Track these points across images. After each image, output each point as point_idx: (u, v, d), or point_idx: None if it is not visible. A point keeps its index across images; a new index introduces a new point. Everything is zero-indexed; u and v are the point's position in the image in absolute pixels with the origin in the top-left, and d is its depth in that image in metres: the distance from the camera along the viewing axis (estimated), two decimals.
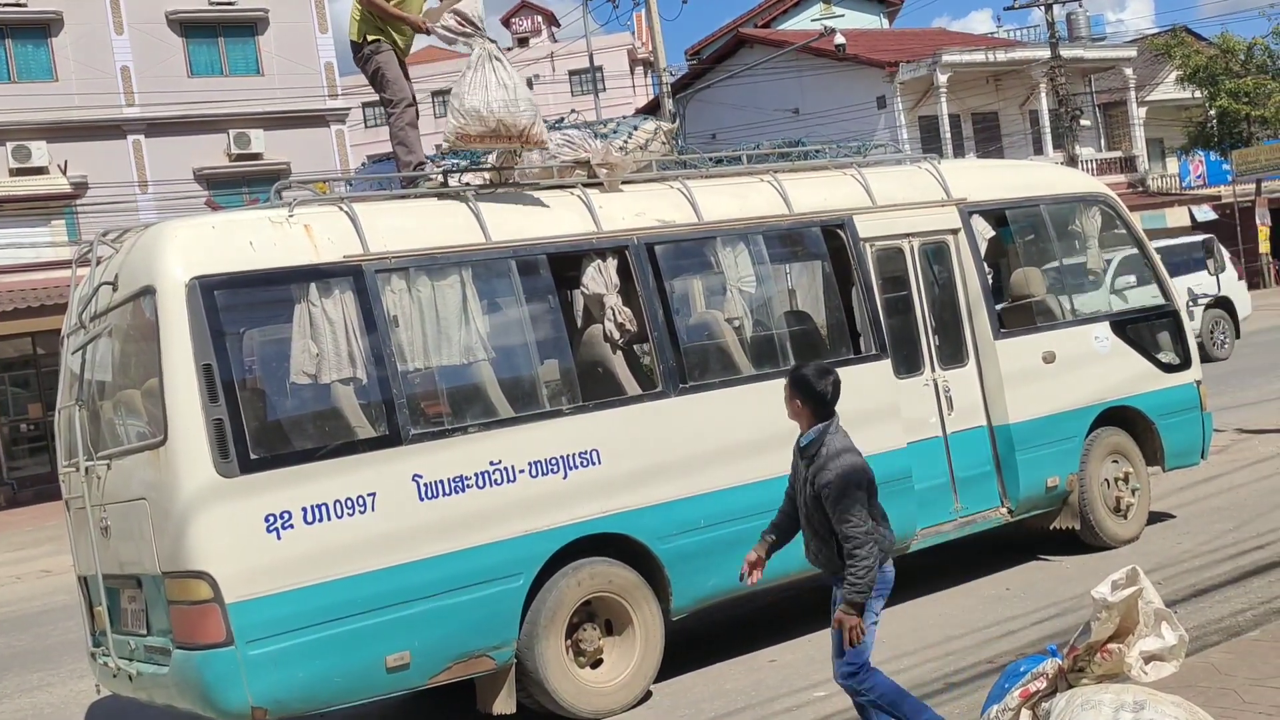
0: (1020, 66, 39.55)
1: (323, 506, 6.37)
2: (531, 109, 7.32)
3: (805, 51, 36.83)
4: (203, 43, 32.73)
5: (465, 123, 7.08)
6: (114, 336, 7.07)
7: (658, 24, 31.19)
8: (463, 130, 7.11)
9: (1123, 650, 4.93)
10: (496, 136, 7.14)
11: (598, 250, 7.61)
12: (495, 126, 7.08)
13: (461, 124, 7.09)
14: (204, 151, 32.22)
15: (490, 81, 7.14)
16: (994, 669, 6.74)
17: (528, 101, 7.31)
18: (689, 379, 7.72)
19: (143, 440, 6.61)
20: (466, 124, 7.07)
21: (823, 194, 8.70)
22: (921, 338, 8.89)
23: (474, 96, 7.08)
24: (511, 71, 7.32)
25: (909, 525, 8.48)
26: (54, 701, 9.29)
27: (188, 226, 6.79)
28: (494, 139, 7.16)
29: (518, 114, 7.18)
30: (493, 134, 7.12)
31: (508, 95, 7.16)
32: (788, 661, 7.82)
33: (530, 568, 6.93)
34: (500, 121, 7.09)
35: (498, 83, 7.16)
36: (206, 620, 6.11)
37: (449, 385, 7.19)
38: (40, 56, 31.04)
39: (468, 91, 7.10)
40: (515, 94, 7.22)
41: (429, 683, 6.72)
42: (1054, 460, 9.18)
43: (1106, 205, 10.23)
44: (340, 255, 6.77)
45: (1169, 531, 9.92)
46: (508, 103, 7.13)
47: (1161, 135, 46.09)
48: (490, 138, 7.14)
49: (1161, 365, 9.98)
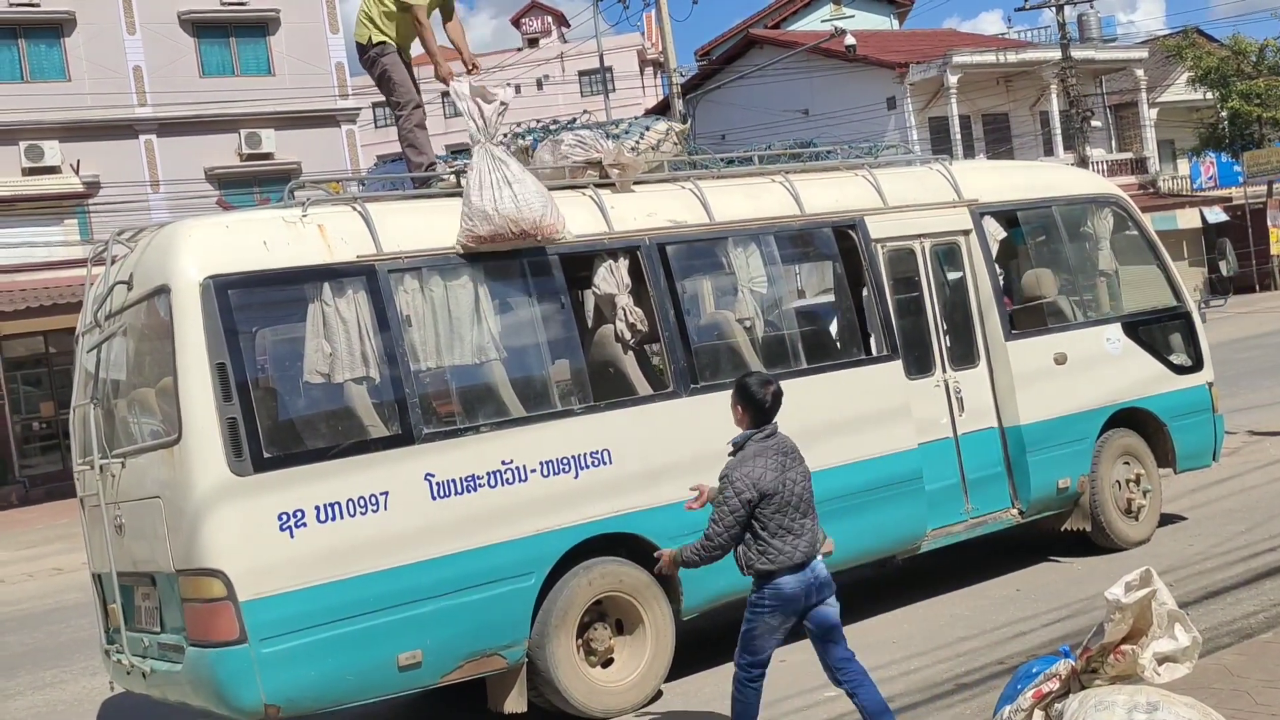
0: (1031, 68, 39.51)
1: (335, 505, 6.39)
2: (542, 199, 7.19)
3: (815, 52, 36.84)
4: (214, 43, 32.81)
5: (473, 223, 7.04)
6: (128, 335, 7.10)
7: (668, 25, 31.21)
8: (471, 230, 7.04)
9: (1136, 651, 4.93)
10: (505, 234, 7.09)
11: (609, 250, 7.63)
12: (501, 224, 7.04)
13: (470, 225, 7.05)
14: (215, 151, 32.30)
15: (494, 180, 7.08)
16: (1006, 670, 6.74)
17: (539, 193, 7.19)
18: (700, 379, 7.73)
19: (157, 439, 6.64)
20: (475, 225, 7.03)
21: (834, 195, 8.70)
22: (933, 339, 8.89)
23: (480, 198, 7.04)
24: (516, 166, 7.22)
25: (919, 526, 8.49)
26: (67, 699, 9.32)
27: (202, 226, 6.81)
28: (504, 237, 7.10)
29: (528, 208, 7.11)
30: (500, 232, 7.07)
31: (514, 192, 7.09)
32: (798, 662, 7.80)
33: (541, 567, 6.94)
34: (506, 218, 7.04)
35: (503, 180, 7.09)
36: (220, 618, 6.13)
37: (461, 385, 7.20)
38: (53, 56, 31.14)
39: (474, 193, 7.06)
40: (523, 188, 7.13)
41: (441, 681, 6.74)
42: (1065, 462, 9.17)
43: (1118, 206, 10.21)
44: (353, 255, 6.79)
45: (1180, 533, 9.90)
46: (514, 199, 7.08)
47: (1173, 137, 46.00)
48: (500, 236, 7.09)
49: (1173, 367, 9.97)
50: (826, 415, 8.09)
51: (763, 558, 5.63)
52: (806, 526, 5.73)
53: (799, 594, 5.70)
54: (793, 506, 5.69)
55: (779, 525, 5.64)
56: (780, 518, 5.64)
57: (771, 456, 5.71)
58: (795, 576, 5.68)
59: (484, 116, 7.27)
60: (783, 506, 5.65)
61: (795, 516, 5.68)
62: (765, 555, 5.63)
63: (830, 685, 7.11)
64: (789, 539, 5.65)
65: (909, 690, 6.91)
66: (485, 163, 7.16)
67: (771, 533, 5.63)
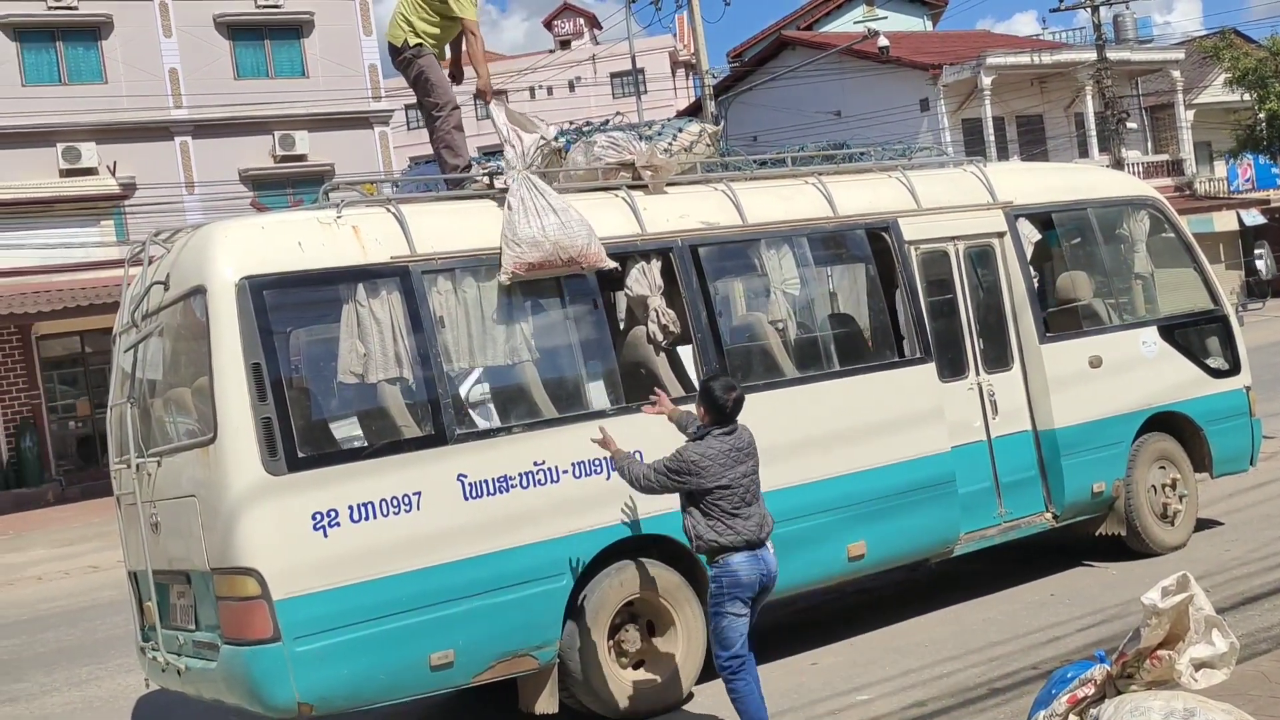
0: (1066, 69, 39.24)
1: (369, 505, 6.42)
2: (584, 227, 7.20)
3: (848, 54, 36.74)
4: (249, 45, 33.05)
5: (522, 250, 7.00)
6: (165, 335, 7.15)
7: (700, 26, 31.20)
8: (520, 259, 7.01)
9: (1173, 657, 4.89)
10: (554, 261, 7.09)
11: (642, 252, 7.63)
12: (552, 250, 7.04)
13: (518, 253, 7.01)
14: (249, 153, 32.53)
15: (537, 207, 7.09)
16: (1039, 675, 6.70)
17: (581, 222, 7.20)
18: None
19: (192, 438, 6.69)
20: (524, 252, 7.00)
21: (867, 196, 8.68)
22: (966, 341, 8.85)
23: (527, 226, 7.03)
24: (556, 195, 7.23)
25: (952, 529, 8.45)
26: (103, 695, 9.40)
27: (238, 227, 6.86)
28: (553, 265, 7.10)
29: (573, 235, 7.12)
30: (550, 259, 7.07)
31: (559, 219, 7.10)
32: (829, 664, 7.80)
33: (573, 568, 6.95)
34: (556, 244, 7.04)
35: (546, 207, 7.10)
36: (254, 616, 6.17)
37: (494, 385, 7.22)
38: (90, 59, 31.45)
39: (520, 222, 7.04)
40: (567, 216, 7.14)
41: (472, 681, 6.76)
42: (1100, 465, 9.11)
43: (1154, 209, 10.14)
44: (387, 256, 6.83)
45: (1217, 538, 9.82)
46: (561, 226, 7.08)
47: (1209, 138, 45.56)
48: (549, 264, 7.09)
49: (1210, 370, 9.89)
50: (859, 418, 8.08)
51: (710, 532, 6.10)
52: (753, 512, 6.16)
53: (753, 580, 6.12)
54: (739, 497, 6.12)
55: (722, 510, 6.09)
56: (725, 504, 6.09)
57: (727, 452, 6.12)
58: (745, 559, 6.09)
59: (522, 145, 7.28)
60: (729, 496, 6.09)
61: (740, 506, 6.11)
62: (714, 531, 6.10)
63: (861, 688, 7.12)
64: (736, 522, 6.10)
65: (941, 694, 6.88)
66: (525, 190, 7.16)
67: (718, 516, 6.09)
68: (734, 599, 6.11)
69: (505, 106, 7.50)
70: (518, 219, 7.08)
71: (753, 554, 6.12)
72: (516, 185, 7.20)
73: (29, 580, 16.35)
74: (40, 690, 9.85)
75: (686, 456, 6.11)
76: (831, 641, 8.24)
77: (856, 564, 8.05)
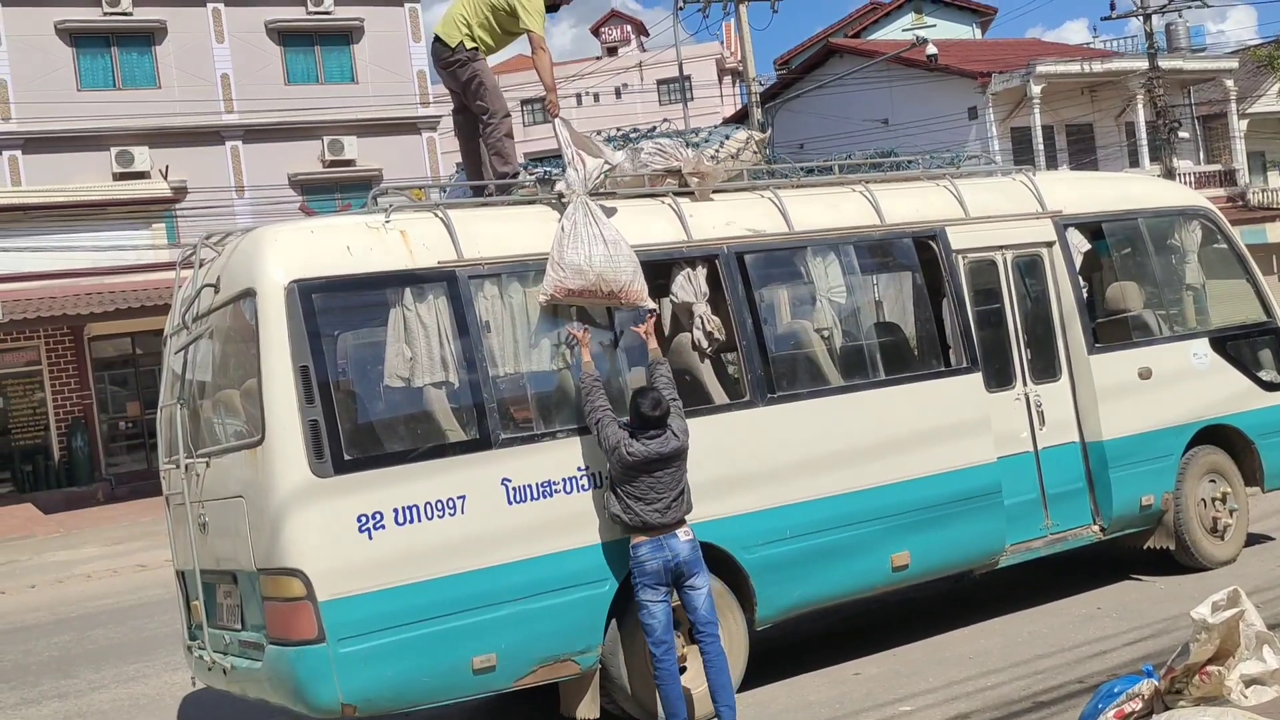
0: (1117, 78, 38.83)
1: (413, 508, 6.46)
2: (632, 264, 7.16)
3: (896, 62, 36.55)
4: (300, 51, 33.44)
5: (565, 275, 6.99)
6: (215, 338, 7.23)
7: (747, 34, 31.16)
8: (561, 283, 7.00)
9: (1222, 673, 4.84)
10: (595, 292, 7.08)
11: (688, 259, 7.63)
12: (595, 281, 7.02)
13: (561, 276, 7.00)
14: (299, 157, 32.89)
15: (589, 235, 7.06)
16: (1085, 689, 6.63)
17: (629, 258, 7.16)
18: (777, 389, 7.70)
19: (241, 439, 6.75)
20: (566, 277, 6.99)
21: (915, 205, 8.64)
22: (1013, 351, 8.78)
23: (575, 252, 7.01)
24: (610, 226, 7.19)
25: (998, 540, 8.38)
26: (150, 693, 9.51)
27: (287, 231, 6.93)
28: (593, 295, 7.09)
29: (619, 270, 7.09)
30: (592, 289, 7.05)
31: (608, 250, 7.07)
32: (872, 674, 7.76)
33: (616, 574, 6.96)
34: (600, 276, 7.01)
35: (598, 237, 7.08)
36: (299, 617, 6.22)
37: (538, 391, 7.24)
38: (144, 64, 31.92)
39: (569, 246, 7.04)
40: (617, 249, 7.10)
41: (514, 685, 6.78)
42: (1149, 478, 9.01)
43: (1207, 219, 10.02)
44: (435, 261, 6.87)
45: (1267, 554, 9.69)
46: (608, 258, 7.05)
47: (1263, 149, 44.94)
48: (589, 293, 7.08)
49: (1262, 383, 9.77)
50: (904, 427, 8.03)
51: (615, 506, 6.72)
52: (658, 499, 6.65)
53: (657, 566, 6.62)
54: (649, 487, 6.64)
55: (630, 495, 6.65)
56: (636, 491, 6.64)
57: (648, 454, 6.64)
58: (649, 547, 6.63)
59: (585, 169, 7.26)
60: (640, 486, 6.63)
61: (648, 493, 6.64)
62: (618, 506, 6.71)
63: (905, 699, 7.09)
64: (639, 505, 6.64)
65: (985, 707, 6.83)
66: (581, 215, 7.15)
67: (624, 496, 6.67)
68: (644, 586, 6.63)
69: (570, 127, 7.47)
70: (567, 243, 7.06)
71: (656, 541, 6.63)
72: (573, 209, 7.19)
73: (79, 578, 16.58)
74: (89, 687, 9.98)
75: (626, 447, 6.64)
76: (875, 652, 8.20)
77: (900, 574, 8.00)
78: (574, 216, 7.16)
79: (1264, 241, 37.80)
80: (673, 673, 6.68)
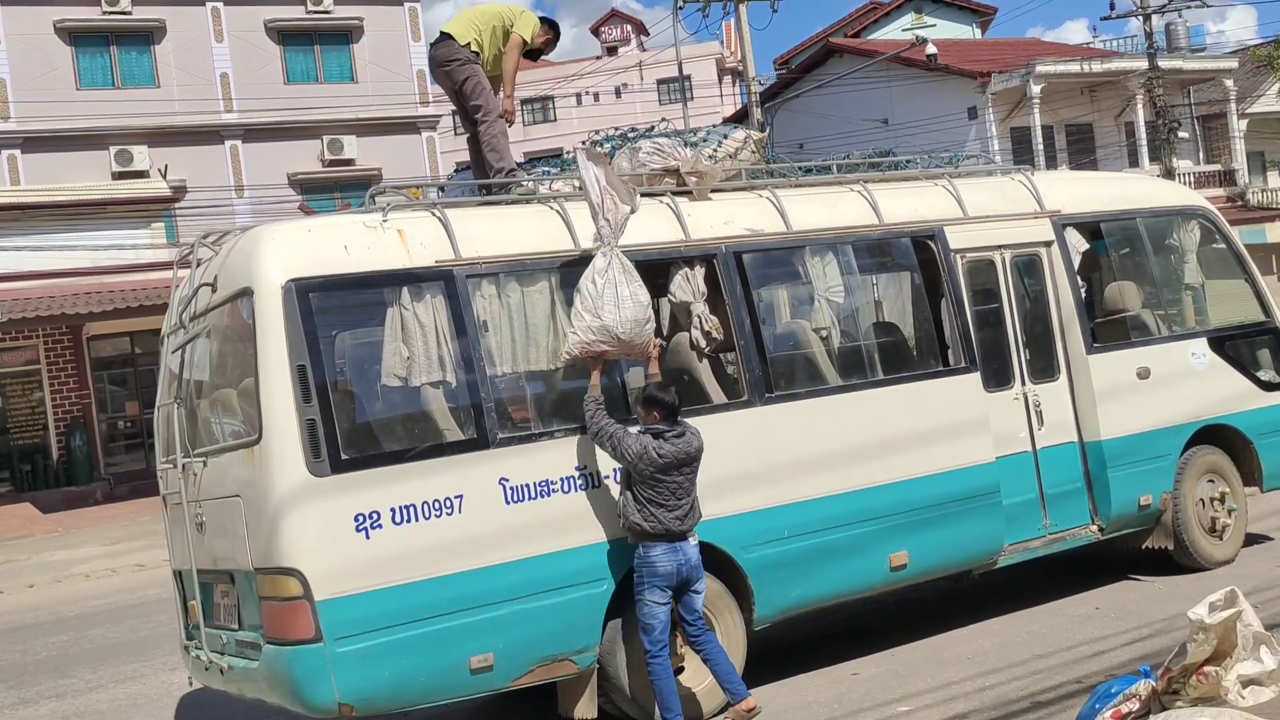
0: (1116, 78, 38.83)
1: (411, 507, 6.45)
2: (647, 314, 7.05)
3: (896, 61, 36.55)
4: (299, 51, 33.45)
5: (593, 339, 6.89)
6: (212, 337, 7.23)
7: (747, 33, 31.18)
8: (589, 346, 6.89)
9: (1219, 673, 4.83)
10: (612, 350, 7.00)
11: (685, 258, 7.62)
12: (613, 340, 6.94)
13: (589, 339, 6.89)
14: (298, 157, 32.89)
15: (624, 298, 6.94)
16: (1083, 689, 6.63)
17: (645, 307, 7.04)
18: (775, 388, 7.70)
19: (238, 439, 6.75)
20: (594, 340, 6.89)
21: (913, 204, 8.63)
22: (1012, 351, 8.77)
23: (609, 313, 6.89)
24: (640, 285, 7.05)
25: (996, 540, 8.38)
26: (147, 692, 9.50)
27: (285, 230, 6.92)
28: (608, 351, 7.00)
29: (641, 333, 7.03)
30: (609, 346, 6.96)
31: (638, 315, 6.96)
32: (871, 675, 7.75)
33: (614, 574, 6.95)
34: (618, 337, 6.93)
35: (632, 300, 6.96)
36: (296, 617, 6.21)
37: (536, 390, 7.24)
38: (143, 64, 31.94)
39: (605, 306, 6.89)
40: (635, 301, 6.97)
41: (511, 685, 6.77)
42: (1147, 478, 9.01)
43: (1205, 219, 10.02)
44: (432, 260, 6.86)
45: (1266, 554, 9.69)
46: (636, 323, 6.97)
47: (1263, 148, 44.94)
48: (611, 351, 7.01)
49: (1261, 383, 9.77)
50: (903, 427, 8.03)
51: (636, 515, 6.64)
52: (679, 506, 6.67)
53: (671, 570, 6.64)
54: (670, 492, 6.64)
55: (653, 500, 6.62)
56: (658, 497, 6.62)
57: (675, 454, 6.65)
58: (664, 551, 6.62)
59: (617, 219, 7.07)
60: (662, 491, 6.62)
61: (669, 499, 6.64)
62: (639, 515, 6.64)
63: (903, 699, 7.09)
64: (661, 512, 6.62)
65: (983, 707, 6.82)
66: (616, 271, 6.98)
67: (646, 502, 6.63)
68: (653, 587, 6.65)
69: (606, 165, 7.23)
70: (601, 304, 6.90)
71: (671, 545, 6.65)
72: (605, 263, 7.01)
73: (77, 578, 16.58)
74: (86, 686, 9.97)
75: (656, 450, 6.61)
76: (873, 652, 8.19)
77: (899, 574, 8.00)
78: (608, 273, 6.98)
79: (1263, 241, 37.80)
80: (668, 670, 6.70)
